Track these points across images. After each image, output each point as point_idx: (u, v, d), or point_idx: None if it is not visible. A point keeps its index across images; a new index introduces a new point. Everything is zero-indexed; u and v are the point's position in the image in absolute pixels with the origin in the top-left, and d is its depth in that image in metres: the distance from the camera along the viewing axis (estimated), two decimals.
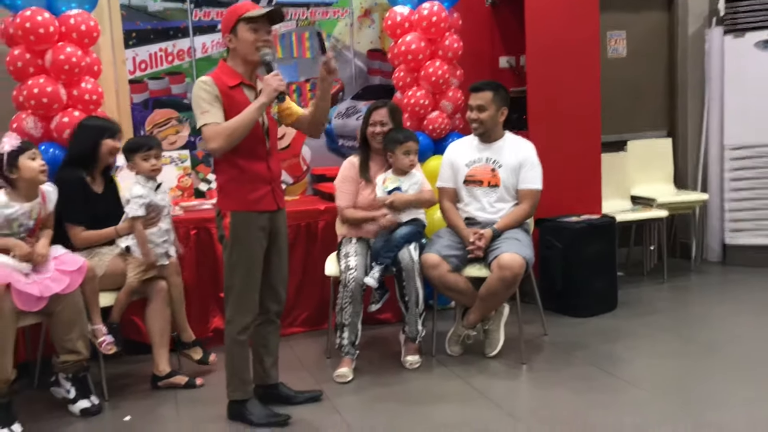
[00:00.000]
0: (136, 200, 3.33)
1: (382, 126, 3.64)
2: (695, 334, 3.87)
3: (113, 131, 3.46)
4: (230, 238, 2.86)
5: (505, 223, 3.59)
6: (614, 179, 4.95)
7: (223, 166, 2.87)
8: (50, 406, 3.26)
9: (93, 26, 3.71)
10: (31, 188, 3.01)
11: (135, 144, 3.41)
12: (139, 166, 3.37)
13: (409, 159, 3.58)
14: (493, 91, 3.64)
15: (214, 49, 4.54)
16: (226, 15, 2.88)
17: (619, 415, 2.90)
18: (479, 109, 3.64)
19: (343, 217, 3.70)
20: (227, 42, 2.86)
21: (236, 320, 2.92)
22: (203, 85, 2.77)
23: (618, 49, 5.48)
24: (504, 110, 3.68)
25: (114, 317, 3.38)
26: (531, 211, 3.68)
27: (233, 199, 2.87)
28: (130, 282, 3.34)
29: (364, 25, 4.85)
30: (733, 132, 5.19)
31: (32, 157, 3.01)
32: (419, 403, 3.16)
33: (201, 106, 2.76)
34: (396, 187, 3.58)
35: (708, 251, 5.43)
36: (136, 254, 3.36)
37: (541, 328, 3.96)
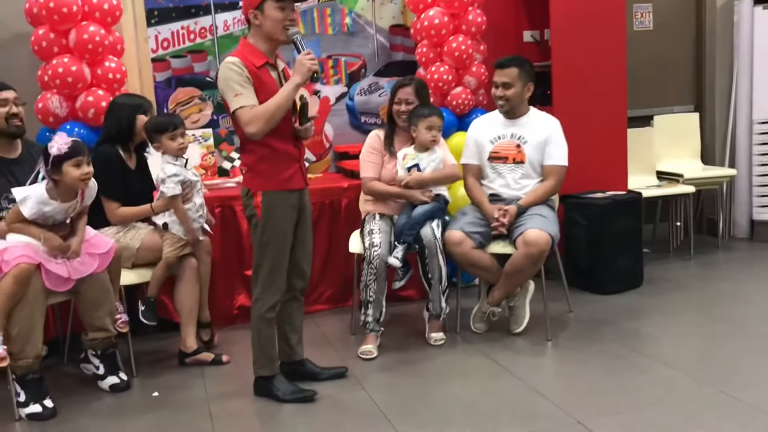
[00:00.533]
0: (172, 179, 3.34)
1: (407, 104, 3.61)
2: (723, 312, 3.82)
3: (146, 107, 3.53)
4: (262, 218, 2.86)
5: (530, 199, 3.56)
6: (640, 155, 4.88)
7: (252, 146, 2.84)
8: (80, 382, 3.32)
9: (116, 5, 3.72)
10: (71, 192, 3.02)
11: (161, 125, 3.40)
12: (166, 145, 3.37)
13: (431, 134, 3.55)
14: (519, 67, 3.58)
15: (236, 27, 4.51)
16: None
17: (646, 393, 2.89)
18: (505, 86, 3.59)
19: (366, 189, 3.67)
20: (252, 18, 2.80)
21: (265, 299, 2.94)
22: (233, 67, 2.73)
23: (644, 22, 5.37)
24: (530, 86, 3.63)
25: (151, 292, 3.42)
26: (556, 188, 3.64)
27: (265, 178, 2.86)
28: (167, 257, 3.37)
29: (386, 1, 4.80)
30: (762, 106, 5.09)
31: (77, 164, 2.94)
32: (444, 380, 3.16)
33: (233, 88, 2.72)
34: (415, 164, 3.56)
35: (735, 227, 5.35)
36: (174, 230, 3.39)
37: (566, 305, 3.94)
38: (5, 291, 2.85)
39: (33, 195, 2.94)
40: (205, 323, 3.59)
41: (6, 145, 3.24)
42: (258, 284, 2.94)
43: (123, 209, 3.41)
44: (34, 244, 2.97)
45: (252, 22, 2.83)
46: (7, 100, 3.19)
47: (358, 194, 4.00)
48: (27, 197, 2.93)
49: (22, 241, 2.97)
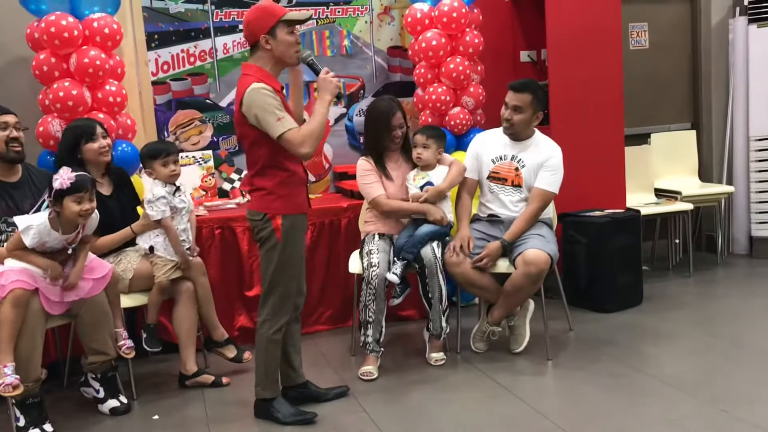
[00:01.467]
0: (161, 201, 3.35)
1: (401, 129, 3.63)
2: (723, 329, 3.82)
3: (89, 132, 3.36)
4: (282, 241, 2.87)
5: (515, 231, 3.52)
6: (638, 172, 4.91)
7: (272, 170, 2.85)
8: (80, 406, 3.31)
9: (116, 29, 3.75)
10: (72, 224, 3.03)
11: (153, 150, 3.42)
12: (158, 171, 3.39)
13: (416, 152, 3.58)
14: (533, 94, 3.55)
15: (235, 50, 4.56)
16: (259, 15, 2.81)
17: (648, 412, 2.88)
18: (515, 109, 3.56)
19: (382, 207, 3.61)
20: (263, 43, 2.80)
21: (273, 320, 2.94)
22: (267, 92, 2.73)
23: (640, 41, 5.42)
24: (539, 114, 3.61)
25: (151, 318, 3.43)
26: (539, 213, 3.58)
27: (284, 202, 2.88)
28: (160, 281, 3.37)
29: (384, 23, 4.85)
30: (759, 123, 5.12)
31: (78, 200, 2.93)
32: (445, 401, 3.15)
33: (275, 113, 2.73)
34: (427, 182, 3.58)
35: (734, 244, 5.36)
36: (161, 253, 3.40)
37: (566, 324, 3.94)
38: (7, 318, 2.85)
39: (35, 225, 2.94)
40: (222, 342, 3.57)
41: (6, 169, 3.25)
42: (267, 306, 2.94)
43: (102, 239, 3.36)
44: (31, 268, 2.98)
45: (262, 47, 2.81)
46: (7, 124, 3.20)
47: (358, 214, 4.01)
48: (29, 227, 2.94)
49: (19, 266, 2.98)
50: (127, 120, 3.91)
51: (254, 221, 2.93)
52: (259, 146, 2.83)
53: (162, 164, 3.38)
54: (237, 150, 4.58)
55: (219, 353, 3.58)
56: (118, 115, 3.82)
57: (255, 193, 2.93)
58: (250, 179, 2.94)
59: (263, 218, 2.89)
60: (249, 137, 2.84)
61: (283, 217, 2.87)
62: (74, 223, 3.01)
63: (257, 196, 2.92)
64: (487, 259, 3.48)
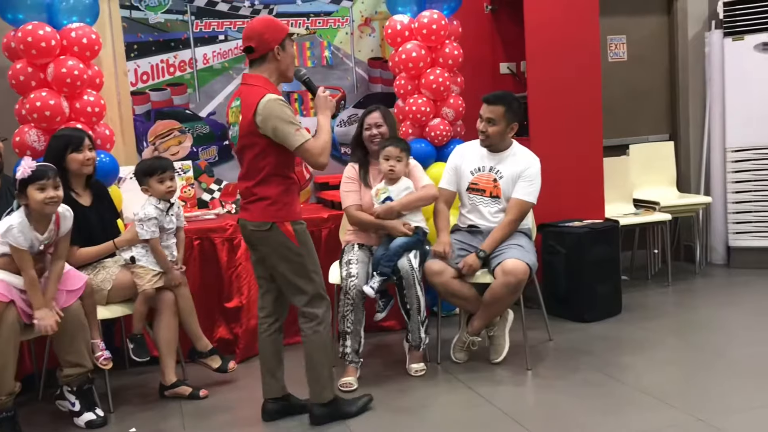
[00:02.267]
0: (152, 222, 3.35)
1: (377, 128, 3.65)
2: (701, 338, 3.85)
3: (76, 143, 3.34)
4: (300, 245, 2.92)
5: (491, 241, 3.53)
6: (617, 183, 4.95)
7: (277, 179, 2.89)
8: (55, 419, 3.27)
9: (94, 39, 3.73)
10: (43, 220, 3.00)
11: (149, 167, 3.41)
12: (154, 189, 3.39)
13: (388, 165, 3.56)
14: (506, 106, 3.57)
15: (215, 60, 4.55)
16: (270, 26, 2.89)
17: (626, 422, 2.89)
18: (489, 121, 3.59)
19: (351, 218, 3.67)
20: (276, 54, 2.87)
21: (326, 316, 3.00)
22: (284, 103, 2.82)
23: (618, 53, 5.48)
24: (514, 126, 3.63)
25: (137, 328, 3.40)
26: (516, 223, 3.59)
27: (290, 210, 2.92)
28: (145, 291, 3.34)
29: (364, 34, 4.87)
30: (735, 134, 5.19)
31: (41, 187, 2.91)
32: (425, 411, 3.15)
33: (293, 124, 2.80)
34: (387, 197, 3.58)
35: (712, 254, 5.42)
36: (143, 263, 3.37)
37: (545, 334, 3.95)
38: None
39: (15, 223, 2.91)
40: (206, 352, 3.55)
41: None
42: (318, 306, 2.97)
43: (82, 251, 3.34)
44: (7, 279, 2.94)
45: (272, 59, 2.88)
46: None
47: (339, 225, 4.01)
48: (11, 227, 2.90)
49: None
50: (105, 130, 3.90)
51: (258, 231, 2.91)
52: (265, 155, 2.85)
53: (158, 181, 3.39)
54: (216, 160, 4.57)
55: (203, 364, 3.56)
56: (96, 126, 3.80)
57: (258, 203, 2.91)
58: (249, 190, 2.92)
59: (270, 227, 2.88)
60: (258, 146, 2.85)
61: (292, 223, 2.91)
62: (43, 213, 2.96)
63: (261, 206, 2.90)
64: (466, 270, 3.49)
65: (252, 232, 2.94)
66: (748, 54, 5.07)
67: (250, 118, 2.80)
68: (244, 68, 4.57)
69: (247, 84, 2.92)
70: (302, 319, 3.01)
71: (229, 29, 4.56)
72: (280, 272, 2.96)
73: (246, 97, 2.86)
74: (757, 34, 5.05)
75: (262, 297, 3.12)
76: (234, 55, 4.58)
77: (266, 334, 3.11)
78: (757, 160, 5.11)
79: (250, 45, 2.88)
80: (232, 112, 2.98)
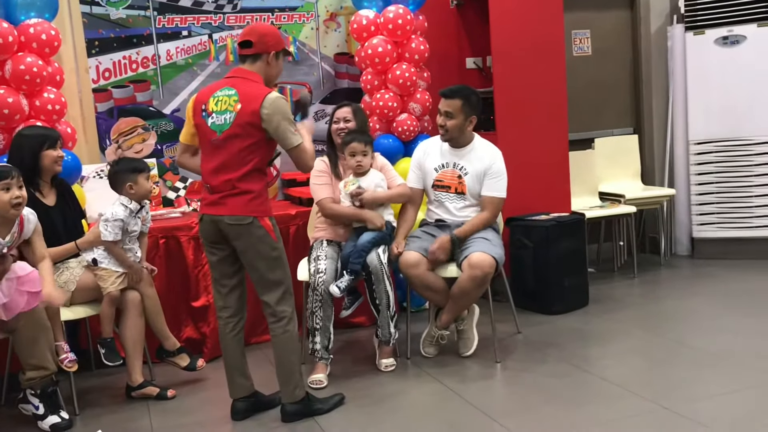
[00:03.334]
0: (116, 224, 3.28)
1: (345, 122, 3.65)
2: (666, 329, 3.91)
3: (53, 140, 3.33)
4: (278, 239, 2.96)
5: (466, 230, 3.57)
6: (582, 177, 5.00)
7: (259, 174, 2.94)
8: (19, 423, 3.19)
9: (54, 35, 3.66)
10: (5, 220, 2.93)
11: (139, 164, 3.40)
12: (141, 186, 3.34)
13: (354, 160, 3.56)
14: (463, 99, 3.59)
15: (178, 56, 4.49)
16: (275, 33, 2.97)
17: (592, 411, 2.93)
18: (447, 115, 3.61)
19: (325, 211, 3.63)
20: (270, 59, 2.93)
21: (293, 314, 3.01)
22: (287, 104, 2.90)
23: (583, 48, 5.53)
24: (473, 119, 3.64)
25: (107, 332, 3.33)
26: (492, 219, 3.66)
27: (267, 204, 2.97)
28: (110, 293, 3.29)
29: (330, 29, 4.84)
30: (698, 127, 5.27)
31: (5, 187, 2.87)
32: (395, 406, 3.15)
33: (294, 124, 2.90)
34: (356, 185, 3.57)
35: (676, 245, 5.51)
36: (105, 265, 3.32)
37: (514, 327, 3.98)
38: None
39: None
40: (174, 351, 3.51)
41: None
42: (288, 303, 2.99)
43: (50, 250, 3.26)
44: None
45: (267, 61, 2.93)
46: None
47: (306, 221, 3.99)
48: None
49: None
50: (67, 128, 3.82)
51: (237, 225, 2.88)
52: (254, 149, 2.87)
53: (146, 178, 3.37)
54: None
55: (172, 363, 3.52)
56: (57, 123, 3.73)
57: (238, 198, 2.88)
58: (230, 182, 2.89)
59: (252, 222, 2.88)
60: (251, 138, 2.85)
61: (269, 218, 2.95)
62: (7, 215, 2.91)
63: (244, 200, 2.88)
64: (438, 250, 3.49)
65: (229, 227, 2.90)
66: (709, 48, 5.16)
67: (255, 110, 2.81)
68: (208, 64, 4.57)
69: (242, 78, 2.92)
70: (272, 318, 2.99)
71: (193, 25, 4.51)
72: (255, 267, 2.94)
73: (246, 89, 2.86)
74: (717, 29, 5.13)
75: (225, 297, 3.07)
76: (198, 51, 4.53)
77: (232, 334, 3.08)
78: (719, 152, 5.20)
79: (250, 40, 2.91)
80: (217, 100, 2.91)
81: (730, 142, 5.16)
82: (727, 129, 5.16)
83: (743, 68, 5.06)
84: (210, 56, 4.56)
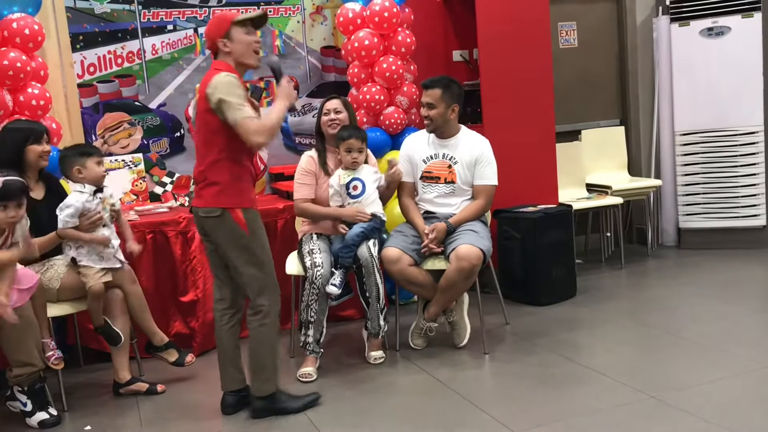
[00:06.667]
0: (68, 211, 3.22)
1: (336, 113, 3.64)
2: (654, 318, 3.94)
3: (38, 134, 3.33)
4: (250, 233, 2.89)
5: (460, 217, 3.61)
6: (569, 168, 5.02)
7: (225, 164, 2.85)
8: (7, 420, 3.18)
9: (37, 30, 3.64)
10: None
11: (87, 148, 3.35)
12: (91, 170, 3.27)
13: (351, 156, 3.56)
14: (442, 88, 3.62)
15: (164, 51, 4.47)
16: (215, 22, 2.90)
17: (581, 402, 2.95)
18: (429, 106, 3.63)
19: (298, 210, 3.66)
20: (222, 47, 2.87)
21: (274, 307, 2.97)
22: (235, 80, 2.80)
23: (569, 40, 5.55)
24: (455, 107, 3.66)
25: (98, 322, 3.31)
26: (486, 207, 3.71)
27: (240, 196, 2.89)
28: (92, 288, 3.25)
29: (316, 22, 4.83)
30: (684, 118, 5.30)
31: (3, 207, 2.88)
32: (385, 398, 3.16)
33: (238, 100, 2.76)
34: (352, 178, 3.57)
35: (663, 236, 5.54)
36: (85, 262, 3.29)
37: (502, 318, 4.00)
38: None
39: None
40: (162, 346, 3.50)
41: None
42: (265, 296, 2.95)
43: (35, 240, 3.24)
44: None
45: (221, 50, 2.87)
46: None
47: (294, 215, 3.98)
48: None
49: None
50: (52, 124, 3.80)
51: (209, 218, 2.88)
52: (215, 137, 2.83)
53: (96, 162, 3.30)
54: (168, 152, 4.49)
55: (160, 358, 3.51)
56: (42, 119, 3.71)
57: (208, 189, 2.88)
58: (203, 173, 2.89)
59: (221, 214, 2.85)
60: (210, 125, 2.82)
61: (243, 210, 2.88)
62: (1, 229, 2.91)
63: (212, 192, 2.87)
64: (435, 235, 3.51)
65: (203, 219, 2.91)
66: (694, 39, 5.18)
67: (203, 93, 2.80)
68: (194, 58, 4.56)
69: (211, 68, 2.91)
70: (249, 310, 3.00)
71: (178, 19, 4.49)
72: (230, 259, 2.94)
73: (206, 77, 2.86)
74: (702, 20, 5.15)
75: (219, 288, 3.08)
76: (183, 45, 4.51)
77: (227, 326, 3.07)
78: (705, 143, 5.23)
79: (207, 45, 2.95)
80: None
81: (715, 133, 5.19)
82: (712, 119, 5.19)
83: (728, 59, 5.09)
84: (196, 50, 4.54)
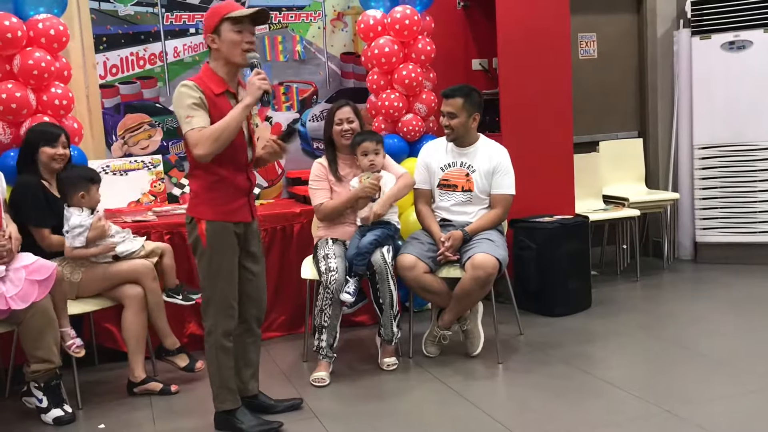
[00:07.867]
0: (77, 229, 3.27)
1: (349, 123, 3.64)
2: (669, 332, 3.91)
3: (50, 137, 3.37)
4: (207, 246, 2.77)
5: (477, 226, 3.60)
6: (587, 179, 5.00)
7: (200, 172, 2.78)
8: (22, 416, 3.21)
9: (62, 31, 3.67)
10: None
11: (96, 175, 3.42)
12: (92, 197, 3.34)
13: (367, 159, 3.57)
14: (464, 97, 3.62)
15: (185, 54, 4.51)
16: (208, 14, 2.78)
17: (594, 414, 2.93)
18: (450, 116, 3.63)
19: (321, 213, 3.65)
20: (209, 42, 2.76)
21: (219, 326, 2.83)
22: (186, 90, 2.68)
23: (589, 51, 5.54)
24: (476, 116, 3.67)
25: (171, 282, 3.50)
26: (503, 216, 3.70)
27: (210, 207, 2.78)
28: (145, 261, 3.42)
29: (337, 29, 4.86)
30: (702, 131, 5.27)
31: None
32: (397, 406, 3.16)
33: (187, 110, 2.66)
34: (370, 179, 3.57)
35: (680, 249, 5.51)
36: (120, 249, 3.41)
37: (516, 328, 3.98)
38: None
39: None
40: (174, 350, 3.51)
41: None
42: (210, 314, 2.84)
43: (56, 236, 3.33)
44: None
45: (210, 47, 2.77)
46: None
47: (311, 220, 4.00)
48: None
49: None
50: (73, 124, 3.84)
51: (186, 225, 2.87)
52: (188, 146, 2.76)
53: (97, 190, 3.38)
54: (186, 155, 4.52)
55: (170, 362, 3.52)
56: (64, 119, 3.75)
57: (191, 197, 2.88)
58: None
59: (191, 222, 2.82)
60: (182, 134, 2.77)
61: (207, 222, 2.77)
62: None
63: (190, 200, 2.87)
64: (451, 243, 3.50)
65: (186, 225, 2.89)
66: (715, 53, 5.16)
67: None
68: None
69: None
70: None
71: (200, 22, 4.52)
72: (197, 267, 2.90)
73: None
74: (723, 33, 5.13)
75: None
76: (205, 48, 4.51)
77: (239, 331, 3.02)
78: (723, 157, 5.20)
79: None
80: None
81: (734, 147, 5.16)
82: (731, 134, 5.16)
83: (749, 73, 5.06)
84: None
